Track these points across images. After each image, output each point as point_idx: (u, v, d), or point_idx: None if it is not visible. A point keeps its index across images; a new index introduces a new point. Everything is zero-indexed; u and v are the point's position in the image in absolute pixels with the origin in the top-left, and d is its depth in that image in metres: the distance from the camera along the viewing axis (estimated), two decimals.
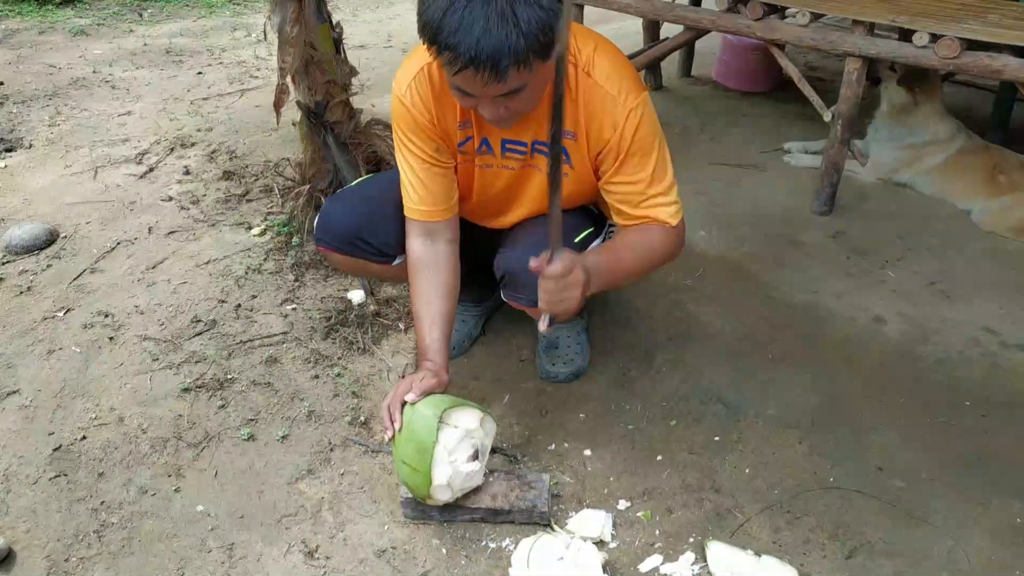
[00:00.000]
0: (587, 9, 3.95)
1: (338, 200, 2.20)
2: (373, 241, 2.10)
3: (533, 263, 1.62)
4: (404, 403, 1.85)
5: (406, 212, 1.98)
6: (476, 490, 1.89)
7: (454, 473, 1.80)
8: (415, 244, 1.99)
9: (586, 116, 1.82)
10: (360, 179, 2.30)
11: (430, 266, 1.98)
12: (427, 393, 1.85)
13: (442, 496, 1.82)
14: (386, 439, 1.87)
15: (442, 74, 1.79)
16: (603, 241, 2.15)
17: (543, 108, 1.78)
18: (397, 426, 1.83)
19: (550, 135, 1.43)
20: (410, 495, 1.88)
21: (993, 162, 3.25)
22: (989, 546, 1.86)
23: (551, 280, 1.62)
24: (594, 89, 1.79)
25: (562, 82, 1.34)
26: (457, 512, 1.89)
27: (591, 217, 2.16)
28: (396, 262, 2.14)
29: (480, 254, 2.21)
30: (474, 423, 1.86)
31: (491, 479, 1.92)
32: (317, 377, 2.38)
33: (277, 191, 3.35)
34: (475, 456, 1.84)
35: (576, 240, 2.04)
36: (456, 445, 1.81)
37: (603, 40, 1.83)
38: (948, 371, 2.41)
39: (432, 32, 1.51)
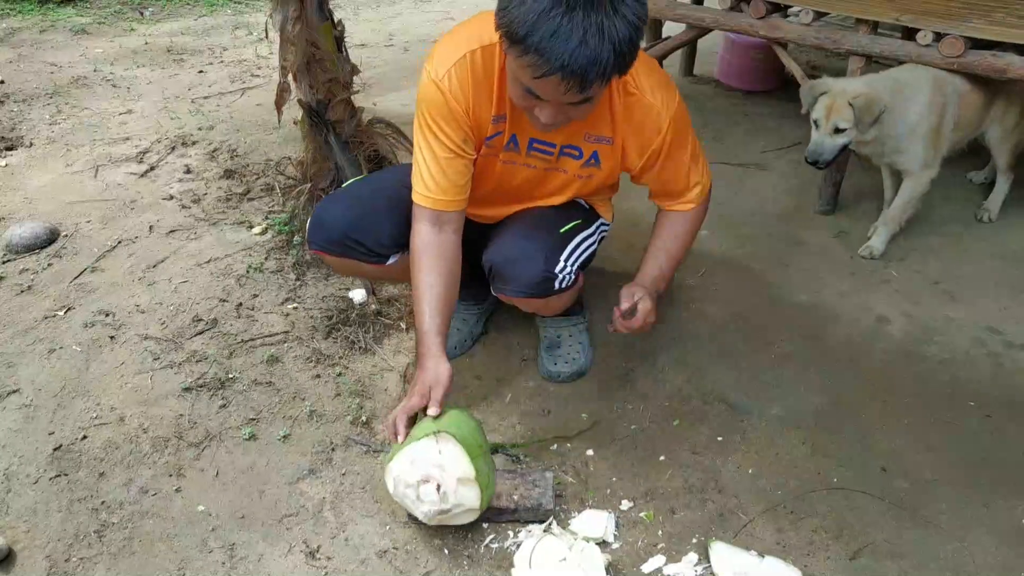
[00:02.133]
0: None
1: (330, 202, 2.18)
2: (366, 242, 2.08)
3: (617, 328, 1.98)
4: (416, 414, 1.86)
5: (416, 198, 1.93)
6: None
7: (400, 482, 1.79)
8: (421, 229, 1.94)
9: (628, 125, 1.86)
10: (352, 180, 2.28)
11: (435, 252, 1.93)
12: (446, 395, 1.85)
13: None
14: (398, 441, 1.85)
15: (485, 65, 1.79)
16: (594, 234, 2.18)
17: None
18: (400, 439, 1.82)
19: None
20: None
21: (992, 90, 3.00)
22: (994, 547, 1.85)
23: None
24: (639, 100, 1.83)
25: None
26: None
27: (581, 211, 2.17)
28: (390, 262, 2.13)
29: (478, 251, 2.20)
30: (456, 467, 1.77)
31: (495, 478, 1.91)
32: (319, 376, 2.37)
33: (278, 190, 3.34)
34: (430, 484, 1.76)
35: (561, 231, 2.07)
36: (413, 467, 1.77)
37: None
38: (952, 371, 2.40)
39: (521, 32, 1.46)
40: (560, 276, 2.01)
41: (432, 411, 1.82)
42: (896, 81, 2.79)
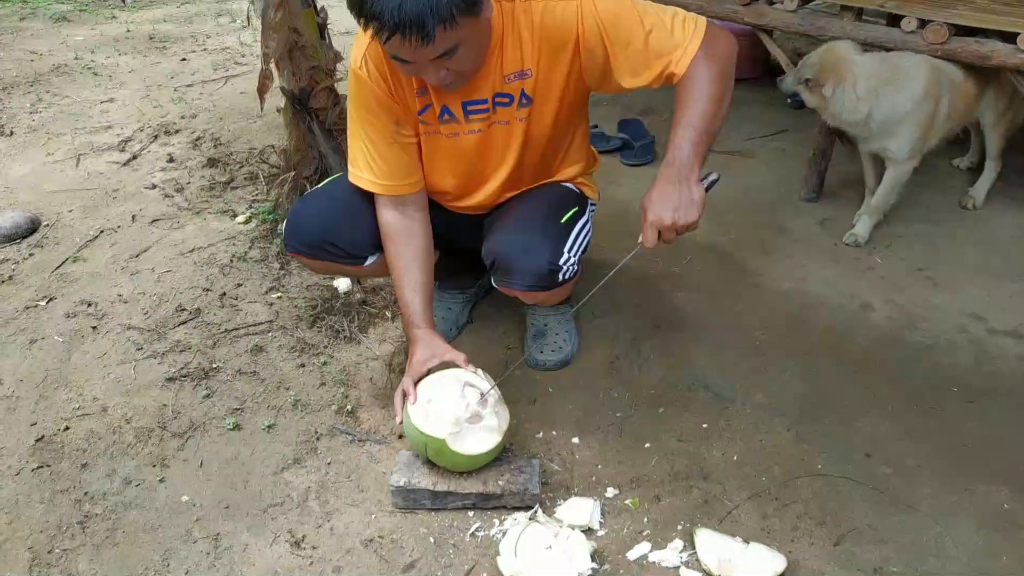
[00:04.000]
0: None
1: (306, 203, 2.16)
2: (342, 244, 2.07)
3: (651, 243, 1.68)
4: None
5: (368, 187, 1.97)
6: (467, 476, 1.89)
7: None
8: (386, 215, 2.00)
9: (541, 39, 1.79)
10: (328, 180, 2.27)
11: (404, 234, 1.99)
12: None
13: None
14: (396, 422, 1.92)
15: None
16: (588, 219, 2.15)
17: (493, 59, 1.79)
18: (411, 400, 1.89)
19: None
20: (400, 483, 1.87)
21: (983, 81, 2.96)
22: (976, 532, 1.86)
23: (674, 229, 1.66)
24: (534, 10, 1.77)
25: None
26: (448, 498, 1.88)
27: (574, 197, 2.15)
28: (367, 263, 2.13)
29: (463, 241, 2.19)
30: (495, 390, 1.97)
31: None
32: (303, 366, 2.36)
33: (262, 178, 3.33)
34: (475, 389, 1.92)
35: (563, 220, 2.04)
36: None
37: None
38: (935, 358, 2.41)
39: (357, 5, 1.53)
40: (564, 268, 2.00)
41: (469, 366, 1.95)
42: (895, 68, 2.78)
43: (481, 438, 1.86)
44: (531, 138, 1.99)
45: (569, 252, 2.01)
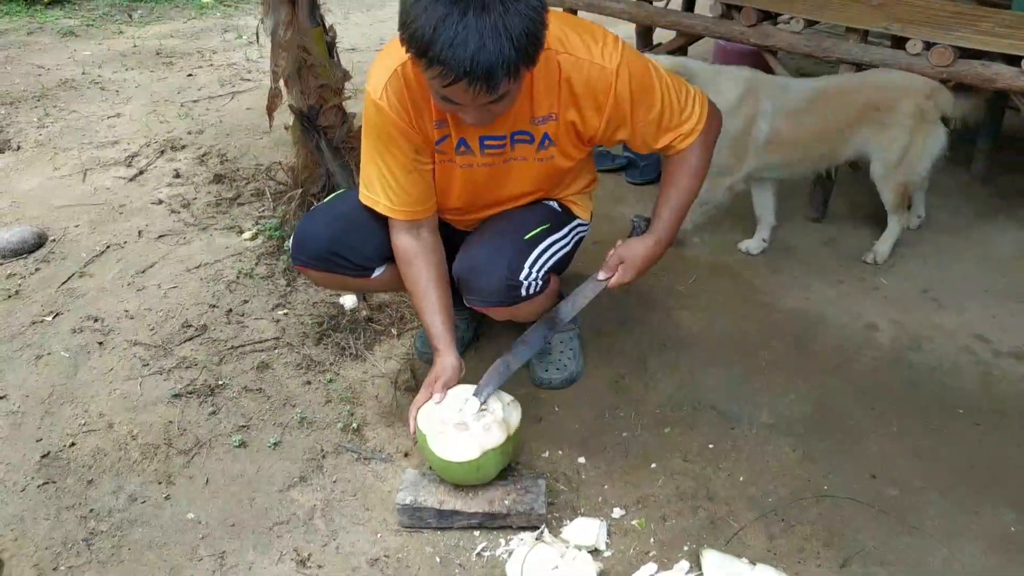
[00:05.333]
0: (579, 14, 3.94)
1: (313, 217, 2.17)
2: (350, 256, 2.08)
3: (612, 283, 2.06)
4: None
5: (384, 211, 1.98)
6: (473, 495, 1.89)
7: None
8: (402, 239, 2.02)
9: (572, 92, 1.84)
10: (334, 194, 2.28)
11: (420, 257, 2.02)
12: (448, 386, 1.98)
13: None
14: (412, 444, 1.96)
15: (416, 75, 1.78)
16: (566, 236, 2.16)
17: (522, 100, 1.81)
18: (411, 431, 1.92)
19: None
20: (406, 501, 1.87)
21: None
22: (982, 554, 1.86)
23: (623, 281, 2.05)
24: (575, 62, 1.81)
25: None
26: (454, 518, 1.88)
27: (550, 213, 2.15)
28: (375, 275, 2.14)
29: None
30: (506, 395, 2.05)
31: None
32: (309, 383, 2.37)
33: (268, 195, 3.33)
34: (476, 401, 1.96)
35: (526, 238, 2.05)
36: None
37: (556, 12, 1.82)
38: (940, 378, 2.41)
39: (423, 45, 1.51)
40: (526, 283, 2.00)
41: (436, 398, 1.93)
42: (716, 73, 2.78)
43: (461, 447, 1.85)
44: (547, 176, 2.05)
45: (531, 268, 2.01)
